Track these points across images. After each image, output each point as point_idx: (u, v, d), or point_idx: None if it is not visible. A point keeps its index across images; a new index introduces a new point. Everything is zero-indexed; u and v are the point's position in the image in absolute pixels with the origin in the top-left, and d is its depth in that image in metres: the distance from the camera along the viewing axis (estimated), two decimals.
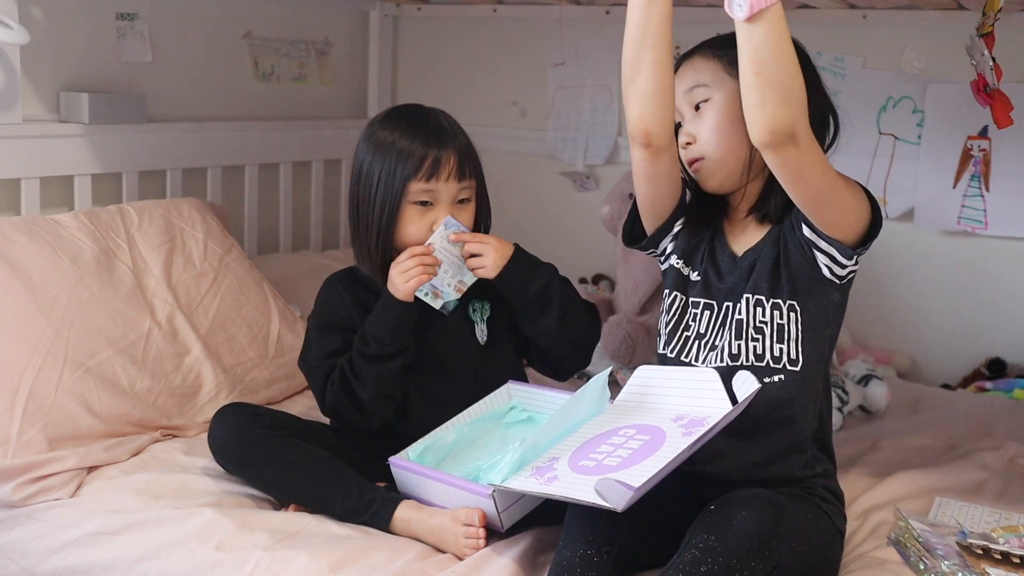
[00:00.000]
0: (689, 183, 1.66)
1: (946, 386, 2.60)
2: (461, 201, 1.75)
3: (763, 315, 1.55)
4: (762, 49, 1.35)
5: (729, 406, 1.46)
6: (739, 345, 1.56)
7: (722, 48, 1.58)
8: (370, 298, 1.78)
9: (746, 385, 1.46)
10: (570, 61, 3.05)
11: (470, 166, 1.75)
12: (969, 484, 1.87)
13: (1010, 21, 2.12)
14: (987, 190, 2.53)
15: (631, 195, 2.64)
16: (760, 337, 1.56)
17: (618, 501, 1.31)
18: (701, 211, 1.66)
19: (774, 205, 1.58)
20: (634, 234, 1.70)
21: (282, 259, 2.79)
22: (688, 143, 1.59)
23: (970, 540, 1.54)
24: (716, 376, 1.51)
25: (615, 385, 2.41)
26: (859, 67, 2.66)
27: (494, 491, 1.51)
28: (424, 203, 1.72)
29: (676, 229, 1.66)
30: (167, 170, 2.58)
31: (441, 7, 3.22)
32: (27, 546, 1.65)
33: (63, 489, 1.71)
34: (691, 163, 1.61)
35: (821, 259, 1.53)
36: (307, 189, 3.03)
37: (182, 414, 1.98)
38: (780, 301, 1.55)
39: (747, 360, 1.56)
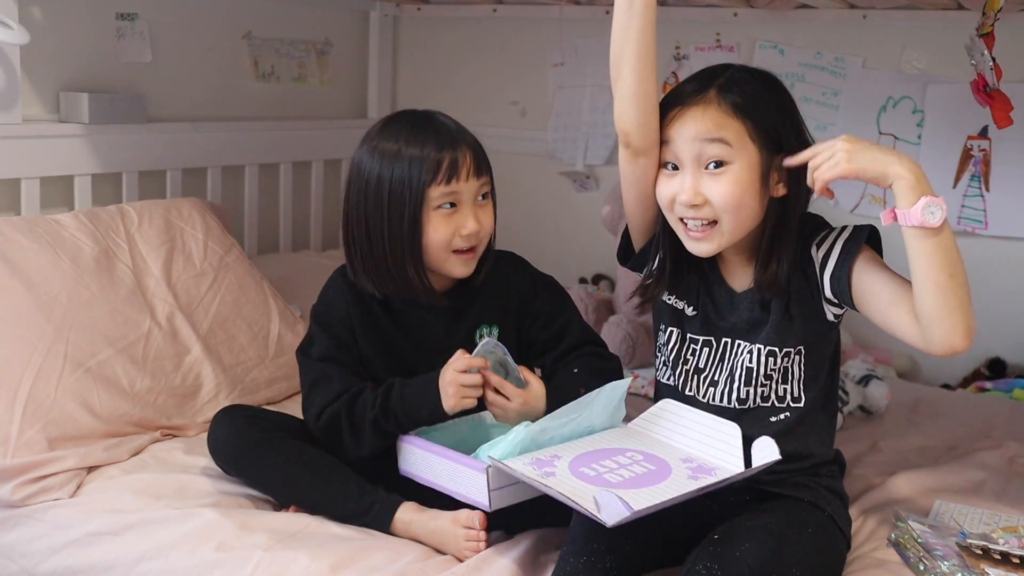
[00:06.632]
0: (662, 239, 1.59)
1: (946, 386, 2.60)
2: (483, 197, 1.69)
3: (774, 363, 1.55)
4: (952, 252, 1.34)
5: (741, 464, 1.46)
6: (748, 391, 1.57)
7: (748, 110, 1.47)
8: (374, 304, 1.73)
9: (765, 452, 1.45)
10: (570, 61, 3.05)
11: (484, 162, 1.69)
12: (969, 484, 1.87)
13: (1010, 21, 2.12)
14: (987, 190, 2.53)
15: None
16: (769, 383, 1.57)
17: (611, 515, 1.30)
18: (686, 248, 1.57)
19: (778, 274, 1.53)
20: (627, 252, 1.69)
21: (282, 259, 2.80)
22: (696, 204, 1.47)
23: (970, 540, 1.54)
24: (738, 432, 1.50)
25: None
26: (859, 67, 2.66)
27: (489, 467, 1.49)
28: (447, 206, 1.64)
29: (656, 260, 1.62)
30: (167, 170, 2.58)
31: (441, 7, 3.22)
32: (27, 546, 1.65)
33: (63, 489, 1.71)
34: (693, 220, 1.49)
35: (828, 308, 1.54)
36: (307, 189, 3.03)
37: (182, 414, 1.98)
38: (790, 349, 1.55)
39: (754, 403, 1.57)
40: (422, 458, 1.61)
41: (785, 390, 1.56)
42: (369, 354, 1.73)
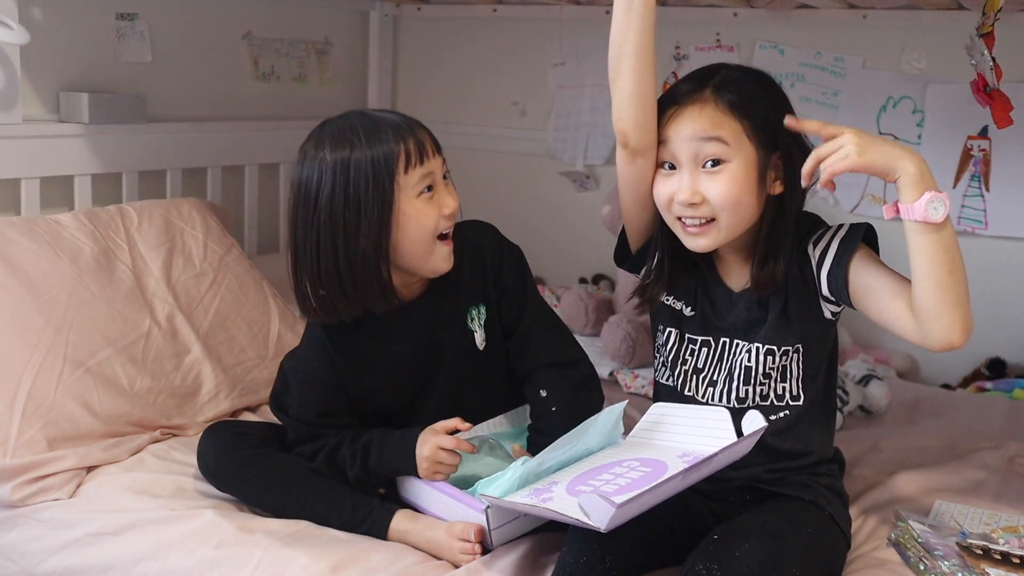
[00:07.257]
0: (660, 239, 1.60)
1: (946, 386, 2.60)
2: (445, 177, 1.64)
3: (772, 362, 1.56)
4: (952, 248, 1.35)
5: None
6: (747, 390, 1.57)
7: (744, 109, 1.47)
8: (358, 337, 1.67)
9: (753, 424, 1.45)
10: (570, 61, 3.05)
11: (437, 141, 1.64)
12: (969, 484, 1.87)
13: (1010, 21, 2.12)
14: (987, 190, 2.53)
15: None
16: (767, 381, 1.57)
17: (601, 518, 1.29)
18: (685, 249, 1.57)
19: (775, 272, 1.53)
20: (624, 254, 1.69)
21: (282, 259, 2.77)
22: (694, 203, 1.48)
23: (970, 540, 1.54)
24: (727, 416, 1.49)
25: (617, 385, 2.41)
26: (859, 67, 2.66)
27: (488, 508, 1.50)
28: (427, 189, 1.57)
29: (655, 261, 1.62)
30: (167, 170, 2.58)
31: (441, 7, 3.22)
32: (27, 546, 1.65)
33: (62, 489, 1.71)
34: (691, 219, 1.50)
35: (826, 306, 1.54)
36: None
37: (182, 414, 1.98)
38: (788, 347, 1.55)
39: (753, 402, 1.57)
40: (422, 489, 1.62)
41: (784, 388, 1.57)
42: (370, 388, 1.69)
